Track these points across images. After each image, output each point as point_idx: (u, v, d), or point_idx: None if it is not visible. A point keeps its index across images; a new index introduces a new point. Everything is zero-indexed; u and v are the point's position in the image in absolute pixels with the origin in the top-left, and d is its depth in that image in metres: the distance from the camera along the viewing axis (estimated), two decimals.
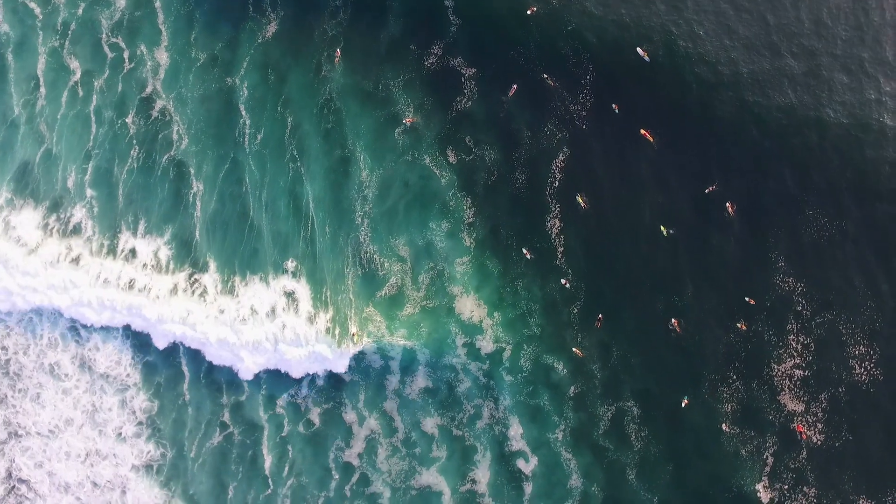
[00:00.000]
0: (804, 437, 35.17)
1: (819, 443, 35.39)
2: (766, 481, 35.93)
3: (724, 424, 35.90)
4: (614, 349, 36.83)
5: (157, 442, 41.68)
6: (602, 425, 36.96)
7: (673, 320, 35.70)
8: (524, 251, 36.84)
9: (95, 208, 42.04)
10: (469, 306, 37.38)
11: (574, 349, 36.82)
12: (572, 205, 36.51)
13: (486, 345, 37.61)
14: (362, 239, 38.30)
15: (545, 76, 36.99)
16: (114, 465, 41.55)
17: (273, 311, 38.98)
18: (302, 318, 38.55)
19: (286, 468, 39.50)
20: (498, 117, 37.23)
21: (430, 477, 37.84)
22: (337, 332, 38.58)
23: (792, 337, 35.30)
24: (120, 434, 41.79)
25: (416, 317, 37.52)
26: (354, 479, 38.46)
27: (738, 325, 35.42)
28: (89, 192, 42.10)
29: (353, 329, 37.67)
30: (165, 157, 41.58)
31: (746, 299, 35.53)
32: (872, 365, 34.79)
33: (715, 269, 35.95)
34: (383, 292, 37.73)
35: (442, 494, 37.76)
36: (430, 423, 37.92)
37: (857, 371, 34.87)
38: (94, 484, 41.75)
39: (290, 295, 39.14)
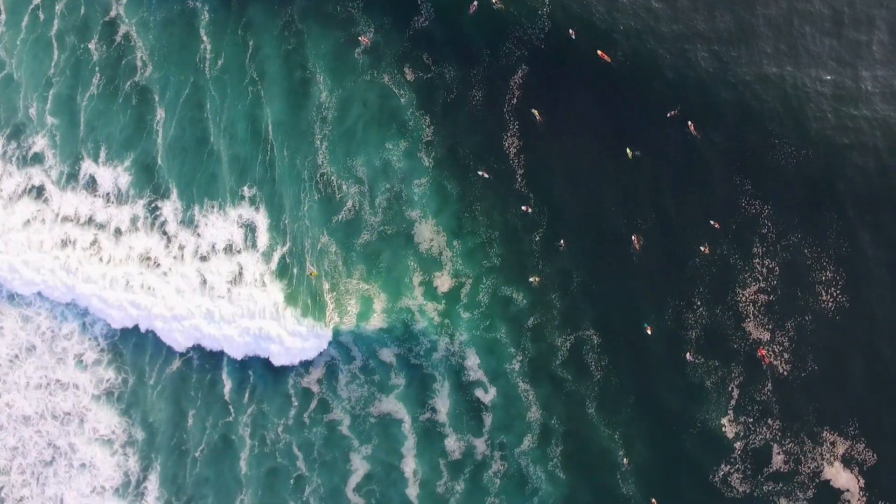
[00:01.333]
0: (767, 361, 34.82)
1: (785, 373, 34.99)
2: (732, 414, 35.66)
3: (688, 353, 35.63)
4: (575, 276, 36.58)
5: (118, 368, 42.61)
6: (561, 356, 36.86)
7: (633, 237, 35.71)
8: (480, 172, 36.96)
9: (57, 136, 43.03)
10: (428, 234, 37.41)
11: (532, 278, 36.91)
12: (531, 123, 36.23)
13: (443, 282, 37.74)
14: (320, 161, 38.64)
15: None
16: (74, 394, 42.64)
17: (231, 247, 39.71)
18: (259, 254, 39.27)
19: (246, 394, 40.22)
20: (457, 36, 37.11)
21: (390, 404, 38.21)
22: (295, 270, 39.29)
23: (757, 261, 34.77)
24: (81, 361, 42.82)
25: (373, 245, 37.87)
26: (313, 405, 39.05)
27: (702, 248, 35.20)
28: (50, 119, 43.06)
29: (310, 268, 38.30)
30: (128, 83, 42.33)
31: (711, 223, 35.13)
32: (839, 291, 34.12)
33: (679, 193, 35.66)
34: (340, 217, 38.04)
35: (402, 423, 38.23)
36: (388, 353, 38.27)
37: (824, 298, 34.24)
38: (54, 416, 42.91)
39: (248, 227, 39.81)
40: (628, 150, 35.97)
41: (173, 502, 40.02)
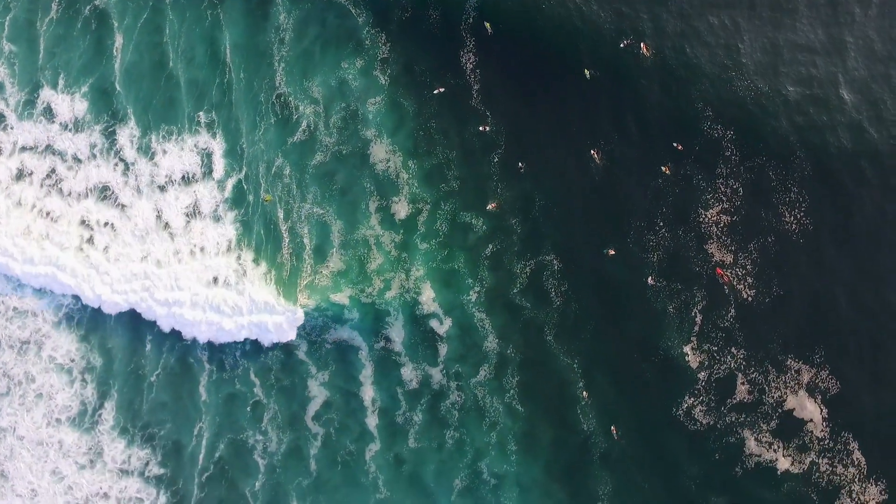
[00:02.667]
0: (726, 280, 34.81)
1: (749, 298, 34.85)
2: (695, 342, 35.59)
3: (649, 277, 35.61)
4: (536, 200, 36.59)
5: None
6: (520, 283, 36.80)
7: (592, 151, 35.80)
8: (437, 90, 36.88)
9: (15, 64, 43.72)
10: (383, 154, 37.59)
11: (490, 204, 36.90)
12: (487, 39, 36.20)
13: (401, 208, 37.81)
14: (277, 83, 38.97)
15: None
16: (33, 322, 43.17)
17: (188, 177, 40.21)
18: (215, 181, 39.69)
19: None
20: None
21: (345, 332, 38.51)
22: (250, 198, 39.71)
23: (721, 181, 34.55)
24: (40, 289, 43.32)
25: (327, 166, 38.11)
26: None
27: (664, 168, 35.21)
28: (8, 46, 43.76)
29: (265, 194, 38.83)
30: (88, 7, 42.91)
31: (674, 145, 35.19)
32: (802, 213, 34.05)
33: (641, 115, 35.50)
34: (295, 138, 38.32)
35: (359, 350, 38.47)
36: (340, 297, 38.35)
37: (787, 219, 34.03)
38: (10, 345, 43.58)
39: (204, 154, 40.27)
40: (586, 71, 36.09)
41: (129, 429, 40.58)
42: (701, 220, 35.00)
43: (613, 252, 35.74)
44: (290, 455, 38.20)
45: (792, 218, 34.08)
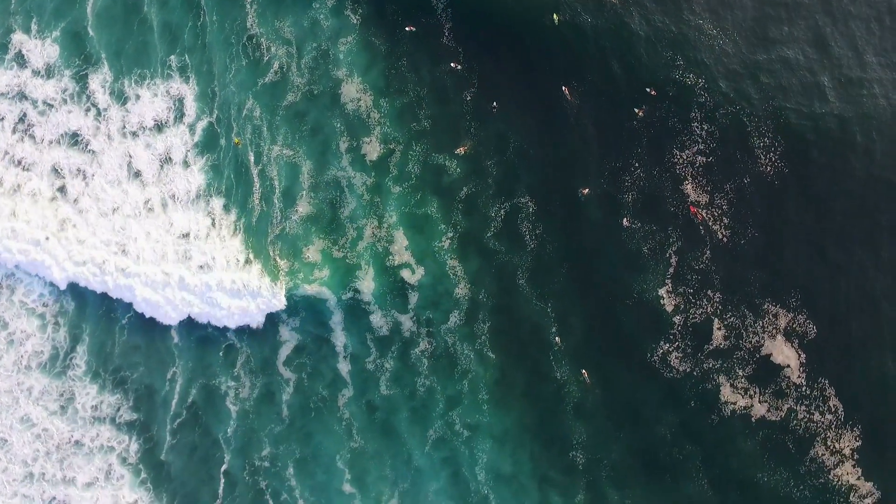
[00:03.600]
0: (700, 218, 35.16)
1: (724, 239, 35.15)
2: (670, 285, 35.97)
3: (624, 219, 35.87)
4: (511, 140, 36.74)
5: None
6: (494, 227, 37.00)
7: (564, 87, 35.99)
8: (408, 28, 37.02)
9: None
10: (354, 93, 37.70)
11: (460, 147, 36.99)
12: None
13: (372, 149, 38.03)
14: (249, 24, 39.10)
15: None
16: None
17: (160, 124, 40.64)
18: (186, 126, 40.13)
19: None
20: None
21: (313, 288, 38.99)
22: (222, 142, 40.11)
23: (696, 125, 34.97)
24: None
25: (298, 107, 38.33)
26: None
27: (637, 110, 35.54)
28: None
29: (235, 137, 39.26)
30: None
31: (648, 90, 35.58)
32: (777, 157, 34.38)
33: (613, 60, 35.77)
34: (266, 79, 38.58)
35: (327, 301, 39.21)
36: (312, 250, 38.43)
37: (762, 162, 34.43)
38: None
39: (176, 99, 40.65)
40: (555, 16, 36.44)
41: (101, 374, 41.22)
42: (676, 160, 35.29)
43: (587, 192, 36.09)
44: (263, 401, 38.78)
45: (767, 161, 34.48)
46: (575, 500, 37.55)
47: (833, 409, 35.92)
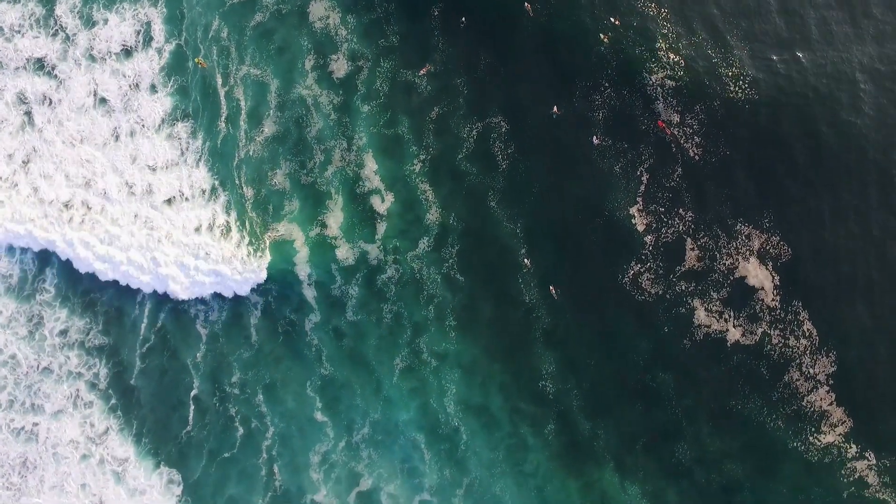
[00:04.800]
0: (668, 133, 36.65)
1: (696, 157, 36.24)
2: (641, 203, 37.36)
3: (595, 137, 37.06)
4: (481, 57, 37.89)
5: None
6: (466, 147, 38.26)
7: (525, 4, 37.42)
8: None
9: None
10: (322, 10, 38.79)
11: (423, 69, 38.26)
12: None
13: (339, 66, 39.27)
14: None
15: None
16: None
17: (127, 48, 42.19)
18: (154, 50, 41.71)
19: None
20: None
21: (283, 227, 39.95)
22: (189, 65, 41.74)
23: (662, 54, 36.49)
24: None
25: (266, 26, 39.31)
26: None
27: (602, 36, 36.90)
28: None
29: (200, 59, 40.90)
30: None
31: (612, 20, 37.01)
32: (747, 85, 35.84)
33: None
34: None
35: (293, 242, 40.10)
36: (279, 175, 39.87)
37: (732, 89, 35.96)
38: None
39: (144, 23, 42.26)
40: None
41: (70, 297, 43.16)
42: (645, 83, 36.82)
43: (558, 111, 37.62)
44: (232, 325, 40.73)
45: (737, 88, 36.04)
46: (545, 430, 39.15)
47: (807, 334, 37.52)
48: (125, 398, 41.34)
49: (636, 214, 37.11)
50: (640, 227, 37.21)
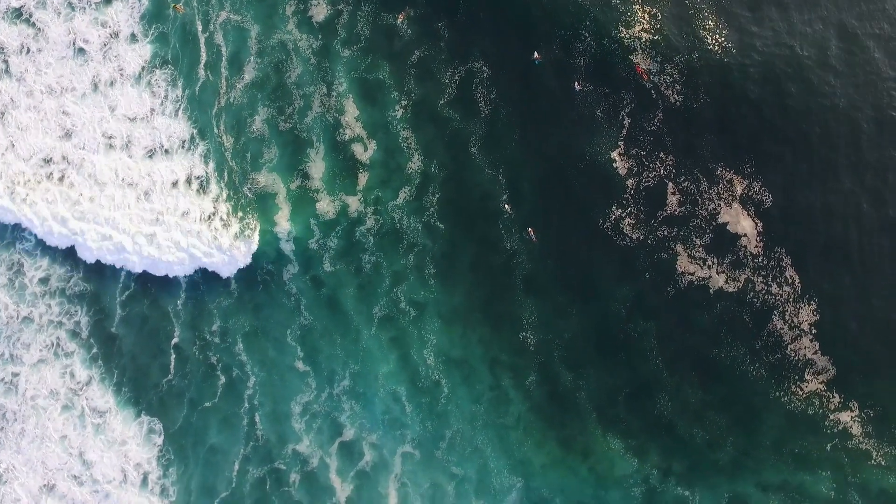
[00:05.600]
0: (646, 79, 37.64)
1: (676, 103, 37.43)
2: (622, 147, 38.42)
3: (576, 82, 38.25)
4: (461, 2, 39.15)
5: None
6: (448, 93, 39.45)
7: None
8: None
9: None
10: None
11: (399, 16, 39.47)
12: None
13: (320, 10, 40.32)
14: None
15: None
16: None
17: None
18: None
19: None
20: None
21: (263, 177, 41.58)
22: (169, 11, 43.04)
23: (637, 7, 38.33)
24: None
25: None
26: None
27: None
28: None
29: (177, 4, 42.30)
30: None
31: None
32: (723, 38, 37.43)
33: None
34: None
35: (276, 196, 41.35)
36: (258, 122, 41.12)
37: (710, 42, 37.58)
38: None
39: None
40: None
41: (51, 245, 44.33)
42: (623, 35, 38.18)
43: (539, 56, 39.01)
44: (211, 273, 42.27)
45: (714, 42, 37.68)
46: (526, 382, 40.56)
47: (790, 281, 38.89)
48: (106, 346, 42.86)
49: (617, 159, 38.45)
50: (622, 172, 38.56)
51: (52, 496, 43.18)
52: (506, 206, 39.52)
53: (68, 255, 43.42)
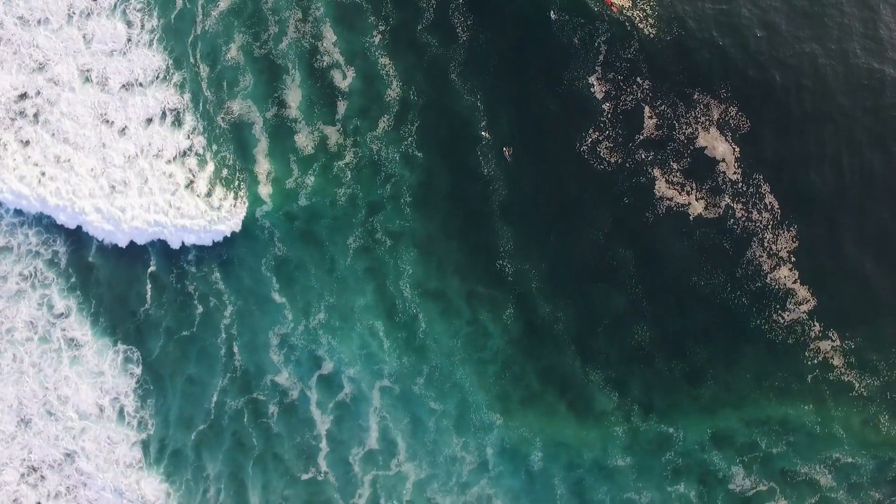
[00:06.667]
0: (615, 10, 39.90)
1: (651, 35, 39.94)
2: (600, 72, 40.37)
3: (552, 12, 40.58)
4: None
5: None
6: (426, 18, 41.58)
7: None
8: None
9: None
10: None
11: None
12: None
13: None
14: None
15: None
16: None
17: None
18: None
19: None
20: None
21: (238, 105, 43.22)
22: None
23: None
24: None
25: None
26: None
27: None
28: None
29: None
30: None
31: None
32: None
33: None
34: None
35: (253, 126, 43.31)
36: (233, 49, 42.75)
37: None
38: None
39: None
40: None
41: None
42: None
43: None
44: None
45: None
46: (504, 315, 42.84)
47: (769, 207, 41.02)
48: (83, 275, 45.13)
49: (595, 83, 40.69)
50: (599, 96, 40.80)
51: (27, 432, 45.63)
52: (484, 132, 41.74)
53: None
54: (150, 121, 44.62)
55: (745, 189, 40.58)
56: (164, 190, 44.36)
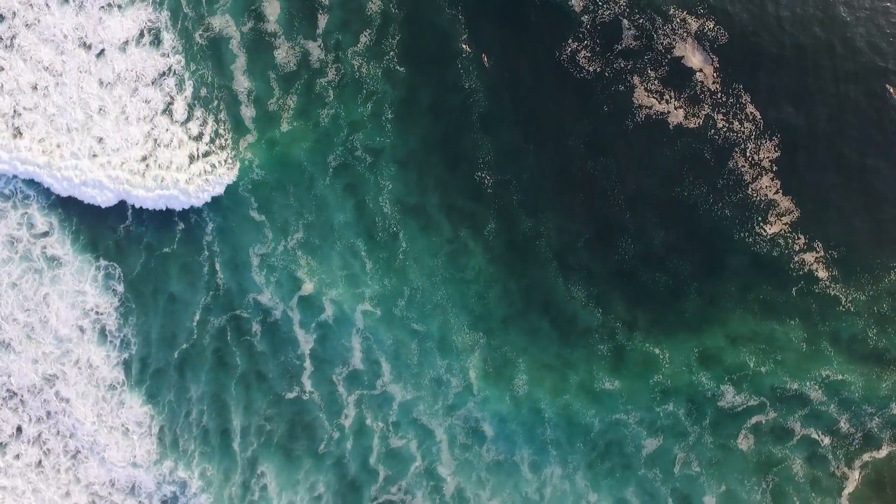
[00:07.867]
0: None
1: None
2: None
3: None
4: None
5: None
6: None
7: None
8: None
9: None
10: None
11: None
12: None
13: None
14: None
15: None
16: None
17: None
18: None
19: None
20: None
21: (217, 20, 45.69)
22: None
23: None
24: None
25: None
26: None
27: None
28: None
29: None
30: None
31: None
32: None
33: None
34: None
35: (231, 40, 45.74)
36: None
37: None
38: None
39: None
40: None
41: None
42: None
43: None
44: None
45: None
46: (485, 231, 45.73)
47: (751, 117, 43.73)
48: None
49: None
50: (577, 8, 43.86)
51: (7, 353, 48.74)
52: (465, 45, 44.78)
53: None
54: (126, 43, 46.86)
55: (724, 100, 43.36)
56: (141, 119, 46.94)
